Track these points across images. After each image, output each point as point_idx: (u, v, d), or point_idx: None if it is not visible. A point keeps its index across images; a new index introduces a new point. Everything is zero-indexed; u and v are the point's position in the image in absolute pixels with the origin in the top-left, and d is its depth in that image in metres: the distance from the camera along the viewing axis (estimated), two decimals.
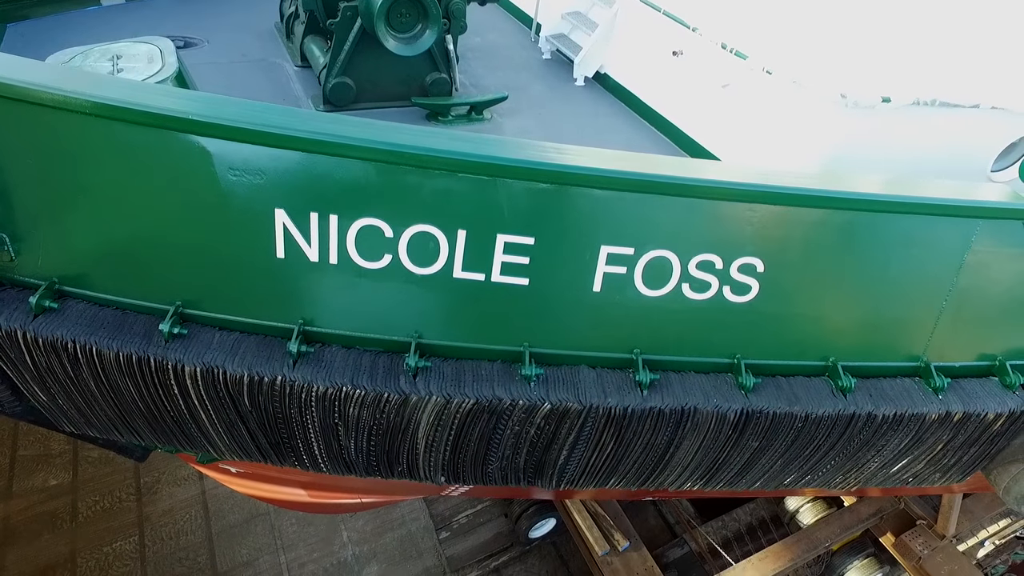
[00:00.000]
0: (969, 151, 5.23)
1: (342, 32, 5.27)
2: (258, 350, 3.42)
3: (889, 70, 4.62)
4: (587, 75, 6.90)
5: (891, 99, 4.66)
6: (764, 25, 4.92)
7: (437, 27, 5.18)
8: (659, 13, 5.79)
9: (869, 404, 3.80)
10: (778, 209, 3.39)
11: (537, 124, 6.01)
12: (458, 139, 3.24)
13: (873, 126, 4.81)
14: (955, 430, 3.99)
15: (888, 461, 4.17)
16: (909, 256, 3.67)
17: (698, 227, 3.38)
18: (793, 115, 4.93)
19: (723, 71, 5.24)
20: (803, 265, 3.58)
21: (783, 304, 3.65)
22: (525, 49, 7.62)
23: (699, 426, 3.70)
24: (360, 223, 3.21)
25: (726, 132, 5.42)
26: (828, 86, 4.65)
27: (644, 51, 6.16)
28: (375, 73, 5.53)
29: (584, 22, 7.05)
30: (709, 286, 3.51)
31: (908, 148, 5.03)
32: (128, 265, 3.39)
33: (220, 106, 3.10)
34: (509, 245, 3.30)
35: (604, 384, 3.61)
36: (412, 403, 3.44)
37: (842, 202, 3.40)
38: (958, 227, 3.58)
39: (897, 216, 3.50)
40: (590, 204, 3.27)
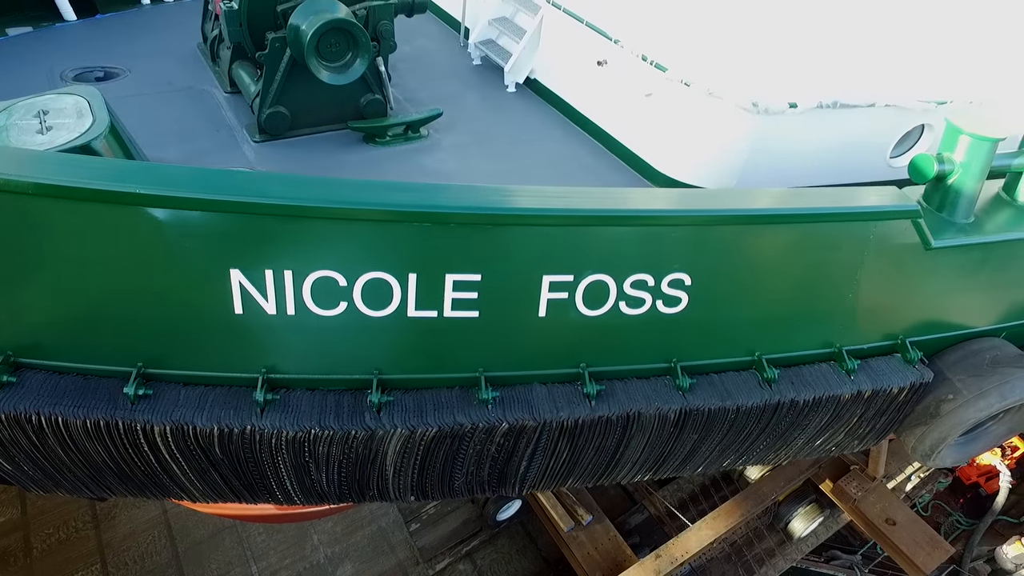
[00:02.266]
0: (870, 143, 5.72)
1: (272, 63, 5.27)
2: (225, 402, 3.55)
3: (794, 78, 5.01)
4: (518, 81, 7.08)
5: (797, 104, 5.07)
6: (679, 39, 5.21)
7: (368, 54, 5.25)
8: (582, 24, 6.01)
9: (792, 391, 4.24)
10: (699, 229, 3.72)
11: (473, 138, 6.16)
12: (403, 189, 3.42)
13: (783, 129, 5.21)
14: (867, 405, 4.50)
15: (812, 436, 4.66)
16: (817, 257, 4.08)
17: (629, 251, 3.68)
18: (711, 122, 5.28)
19: (646, 81, 5.53)
20: (726, 275, 3.94)
21: (711, 310, 4.01)
22: (455, 56, 7.70)
23: (644, 427, 4.06)
24: (314, 276, 3.37)
25: (653, 138, 5.74)
26: (740, 95, 5.01)
27: (571, 59, 6.37)
28: (309, 100, 5.55)
29: (511, 28, 7.18)
30: (644, 302, 3.83)
31: (816, 146, 5.47)
32: (86, 332, 3.44)
33: (164, 175, 3.17)
34: (458, 283, 3.52)
35: (556, 399, 3.92)
36: (379, 436, 3.66)
37: (755, 218, 3.76)
38: (856, 229, 4.01)
39: (803, 225, 3.89)
40: (529, 240, 3.52)
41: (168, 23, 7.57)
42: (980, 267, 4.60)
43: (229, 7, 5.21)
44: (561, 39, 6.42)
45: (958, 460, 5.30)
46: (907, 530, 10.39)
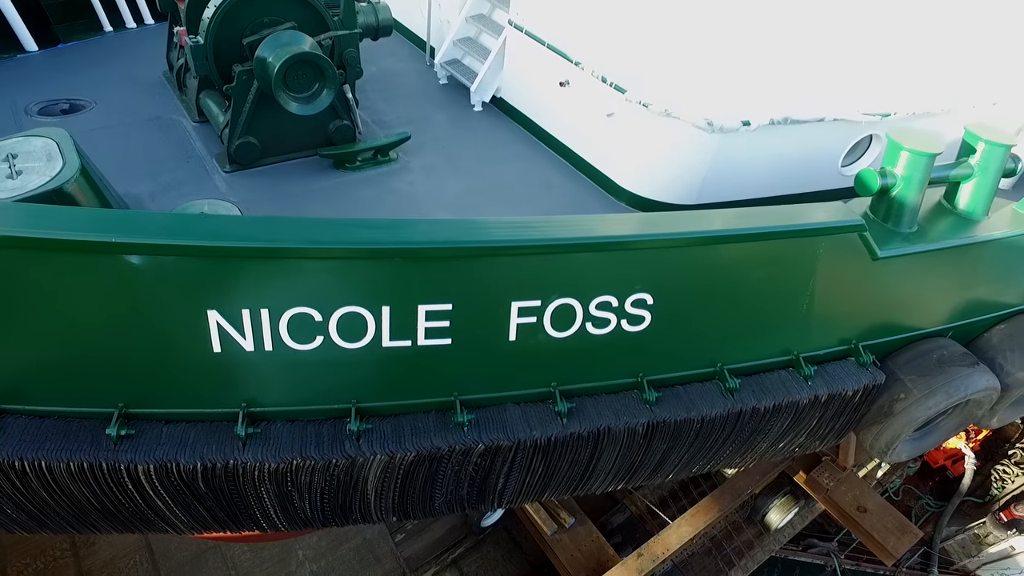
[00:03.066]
0: (822, 154, 5.99)
1: (240, 95, 5.34)
2: (207, 437, 3.65)
3: (746, 98, 5.24)
4: (484, 100, 7.23)
5: (750, 122, 5.31)
6: (636, 62, 5.41)
7: (334, 84, 5.35)
8: (544, 46, 6.18)
9: (753, 399, 4.46)
10: (658, 251, 3.91)
11: (443, 159, 6.30)
12: (374, 226, 3.55)
13: (738, 145, 5.45)
14: (824, 407, 4.74)
15: (775, 440, 4.89)
16: (771, 272, 4.30)
17: (593, 276, 3.85)
18: (669, 141, 5.49)
19: (607, 101, 5.72)
20: (685, 292, 4.14)
21: (673, 327, 4.21)
22: (421, 75, 7.82)
23: (614, 441, 4.25)
24: (290, 313, 3.48)
25: (616, 156, 5.94)
26: (696, 115, 5.23)
27: (535, 79, 6.54)
28: (278, 129, 5.64)
29: (476, 48, 7.34)
30: (609, 322, 4.01)
31: (771, 159, 5.73)
32: (67, 377, 3.51)
33: (139, 223, 3.26)
34: (430, 313, 3.66)
35: (529, 418, 4.09)
36: (359, 463, 3.79)
37: (711, 239, 3.96)
38: (807, 244, 4.24)
39: (757, 243, 4.10)
40: (497, 270, 3.67)
41: (132, 50, 7.56)
42: (925, 273, 4.87)
43: (195, 42, 5.27)
44: (524, 59, 6.59)
45: (913, 454, 5.59)
46: (877, 517, 10.76)
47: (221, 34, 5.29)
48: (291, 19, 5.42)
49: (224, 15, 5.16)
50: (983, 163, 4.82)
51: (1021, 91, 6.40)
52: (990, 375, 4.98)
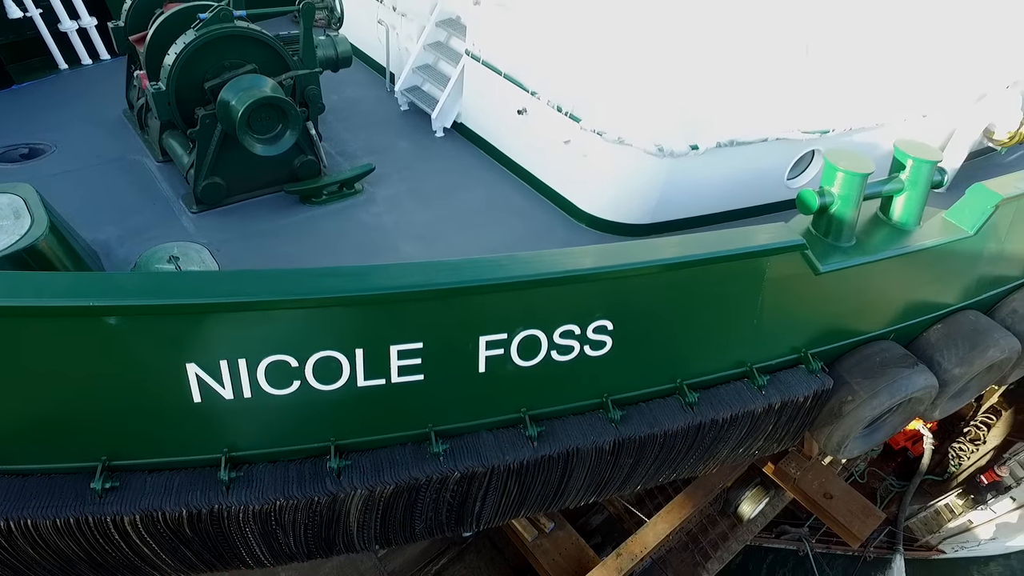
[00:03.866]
0: (768, 170, 6.32)
1: (204, 138, 5.43)
2: (191, 484, 3.77)
3: (693, 124, 5.54)
4: (445, 126, 7.41)
5: (699, 146, 5.60)
6: (589, 92, 5.66)
7: (297, 124, 5.48)
8: (500, 76, 6.40)
9: (711, 411, 4.74)
10: (615, 281, 4.15)
11: (407, 188, 6.46)
12: (344, 274, 3.70)
13: (689, 167, 5.74)
14: (779, 414, 5.05)
15: (735, 446, 5.19)
16: (722, 292, 4.58)
17: (555, 307, 4.07)
18: (624, 166, 5.76)
19: (563, 129, 5.96)
20: (643, 316, 4.39)
21: (633, 348, 4.46)
22: (382, 102, 7.96)
23: (583, 459, 4.48)
24: (267, 361, 3.63)
25: (575, 180, 6.18)
26: (647, 142, 5.51)
27: (494, 106, 6.75)
28: (243, 168, 5.73)
29: (435, 76, 7.51)
30: (572, 349, 4.24)
31: (721, 177, 6.03)
32: (49, 435, 3.60)
33: (116, 285, 3.38)
34: (402, 352, 3.84)
35: (502, 444, 4.30)
36: (341, 499, 3.95)
37: (663, 266, 4.21)
38: (753, 265, 4.52)
39: (707, 267, 4.37)
40: (465, 308, 3.87)
41: (90, 89, 7.54)
42: (865, 282, 5.21)
43: (157, 88, 5.35)
44: (483, 88, 6.79)
45: (864, 450, 5.95)
46: (843, 502, 11.24)
47: (183, 79, 5.37)
48: (252, 61, 5.53)
49: (185, 61, 5.25)
50: (912, 178, 5.17)
51: (948, 103, 6.83)
52: (928, 374, 5.34)
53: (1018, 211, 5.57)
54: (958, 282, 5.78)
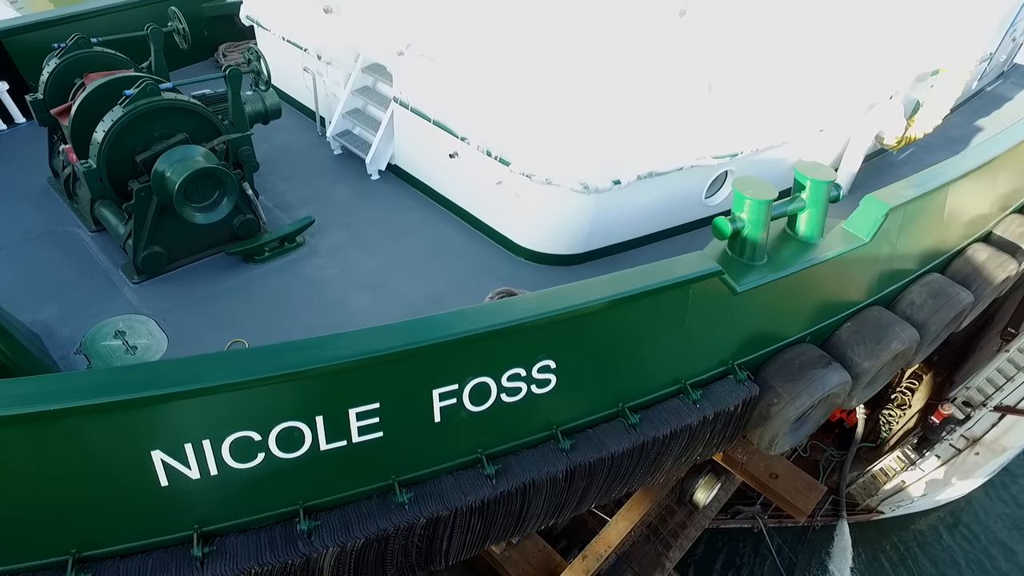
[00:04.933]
0: (687, 194, 6.80)
1: (140, 210, 5.47)
2: (164, 564, 3.89)
3: (613, 161, 5.94)
4: (380, 168, 7.60)
5: (621, 180, 6.01)
6: (516, 137, 5.98)
7: (234, 190, 5.58)
8: (429, 122, 6.65)
9: (652, 430, 5.15)
10: (553, 324, 4.48)
11: (349, 236, 6.63)
12: (299, 348, 3.90)
13: (614, 200, 6.14)
14: (714, 423, 5.51)
15: (678, 456, 5.62)
16: (652, 320, 4.99)
17: (501, 355, 4.38)
18: (554, 204, 6.12)
19: (494, 171, 6.27)
20: (582, 352, 4.74)
21: (576, 381, 4.82)
22: (315, 148, 8.07)
23: (539, 490, 4.81)
24: (231, 438, 3.79)
25: (510, 217, 6.50)
26: (572, 181, 5.88)
27: (426, 150, 6.98)
28: (183, 234, 5.78)
29: (365, 120, 7.68)
30: (520, 390, 4.56)
31: (645, 205, 6.48)
32: (16, 535, 3.65)
33: (76, 386, 3.47)
34: (360, 414, 4.07)
35: (462, 485, 4.57)
36: (313, 559, 4.15)
37: (595, 306, 4.58)
38: (677, 294, 4.94)
39: (634, 301, 4.75)
40: (416, 366, 4.13)
41: (8, 157, 7.37)
42: (780, 294, 5.72)
43: (87, 167, 5.35)
44: (413, 132, 7.03)
45: (793, 444, 6.52)
46: (788, 480, 11.99)
47: (113, 155, 5.39)
48: (182, 130, 5.60)
49: (115, 138, 5.28)
50: (812, 197, 5.72)
51: (841, 117, 7.49)
52: (842, 371, 5.92)
53: (905, 215, 6.21)
54: (861, 283, 6.39)
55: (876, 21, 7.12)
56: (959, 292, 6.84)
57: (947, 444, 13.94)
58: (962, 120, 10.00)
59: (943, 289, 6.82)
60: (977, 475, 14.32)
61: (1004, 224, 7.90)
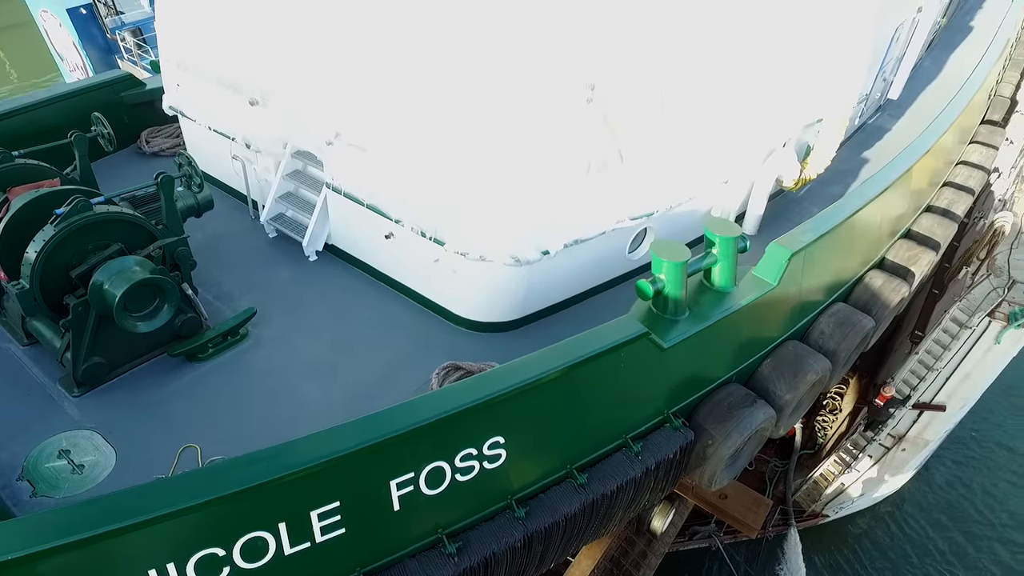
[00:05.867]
0: (612, 252, 7.30)
1: (78, 324, 5.46)
2: None
3: (540, 235, 6.36)
4: (318, 249, 7.78)
5: (549, 251, 6.43)
6: (447, 220, 6.33)
7: (174, 296, 5.66)
8: (362, 206, 6.92)
9: (600, 487, 5.48)
10: (495, 405, 4.77)
11: (292, 323, 6.76)
12: (252, 462, 4.03)
13: (545, 268, 6.55)
14: (656, 472, 5.89)
15: (627, 506, 5.96)
16: (588, 386, 5.36)
17: (451, 439, 4.63)
18: (489, 277, 6.47)
19: (430, 250, 6.58)
20: (527, 425, 5.05)
21: (524, 452, 5.11)
22: (250, 232, 8.17)
23: (499, 560, 5.03)
24: (195, 557, 3.87)
25: (450, 291, 6.81)
26: (504, 256, 6.26)
27: (361, 231, 7.23)
28: (123, 342, 5.78)
29: (298, 202, 7.86)
30: (473, 468, 4.81)
31: (574, 268, 6.92)
32: None
33: (16, 533, 3.49)
34: (322, 514, 4.22)
35: (425, 567, 4.76)
36: None
37: (534, 382, 4.90)
38: (610, 357, 5.33)
39: (570, 371, 5.10)
40: (371, 462, 4.32)
41: None
42: (704, 343, 6.22)
43: (20, 287, 5.33)
44: (347, 215, 7.27)
45: (731, 477, 7.00)
46: (736, 499, 12.53)
47: (47, 273, 5.39)
48: (116, 240, 5.66)
49: (48, 257, 5.30)
50: (722, 251, 6.28)
51: (743, 168, 8.22)
52: (767, 407, 6.45)
53: (806, 257, 6.87)
54: (776, 321, 7.00)
55: (764, 81, 7.91)
56: (861, 319, 7.57)
57: (877, 444, 14.89)
58: (850, 154, 11.06)
59: (847, 318, 7.53)
60: (907, 469, 15.34)
61: (894, 249, 8.78)
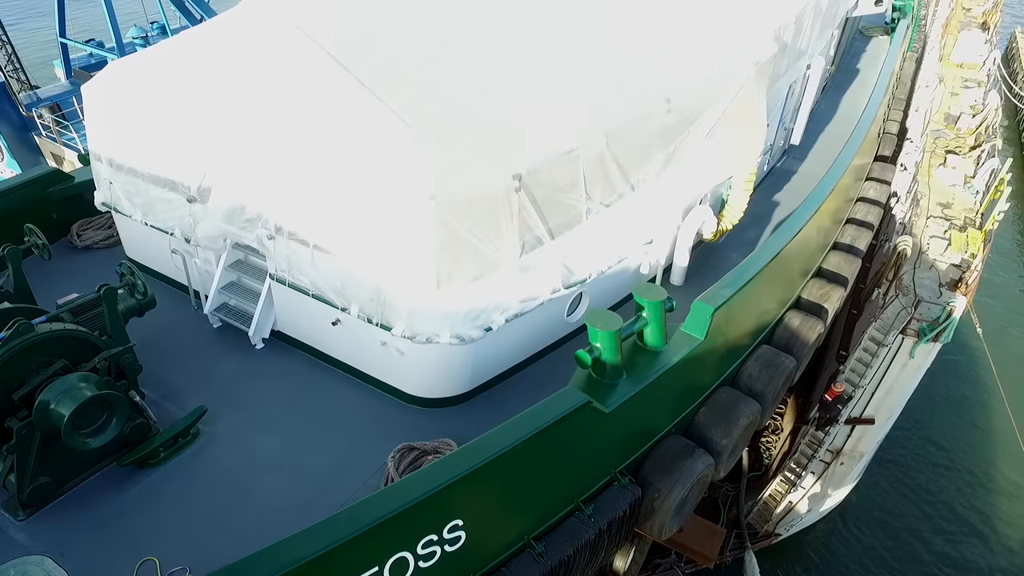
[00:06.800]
0: (551, 318, 7.71)
1: (22, 447, 5.39)
2: None
3: (480, 313, 6.71)
4: (264, 337, 7.87)
5: (492, 327, 6.78)
6: (393, 306, 6.60)
7: (124, 407, 5.68)
8: (308, 296, 7.10)
9: (557, 552, 5.76)
10: (447, 491, 5.01)
11: (245, 417, 6.80)
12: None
13: (491, 342, 6.88)
14: (609, 531, 6.21)
15: (584, 566, 6.25)
16: (539, 458, 5.67)
17: (411, 529, 4.84)
18: (437, 357, 6.76)
19: (378, 333, 6.81)
20: (482, 505, 5.31)
21: (484, 530, 5.35)
22: (193, 324, 8.17)
23: None
24: None
25: (400, 372, 7.03)
26: (449, 336, 6.56)
27: (308, 318, 7.39)
28: (70, 458, 5.72)
29: (241, 292, 7.95)
30: (435, 553, 5.02)
31: (519, 337, 7.28)
32: None
33: None
34: None
35: None
36: None
37: (486, 466, 5.17)
38: (556, 429, 5.66)
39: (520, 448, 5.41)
40: (335, 562, 4.48)
41: None
42: (643, 402, 6.65)
43: None
44: (294, 303, 7.43)
45: (680, 523, 7.39)
46: (692, 532, 12.91)
47: None
48: (60, 358, 5.66)
49: None
50: (651, 315, 6.78)
51: (665, 226, 8.84)
52: (706, 456, 6.91)
53: (727, 310, 7.46)
54: (707, 372, 7.53)
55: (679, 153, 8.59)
56: (784, 360, 8.21)
57: (818, 460, 15.72)
58: (762, 198, 12.00)
59: (771, 360, 8.15)
60: (847, 481, 16.23)
61: (808, 288, 9.56)
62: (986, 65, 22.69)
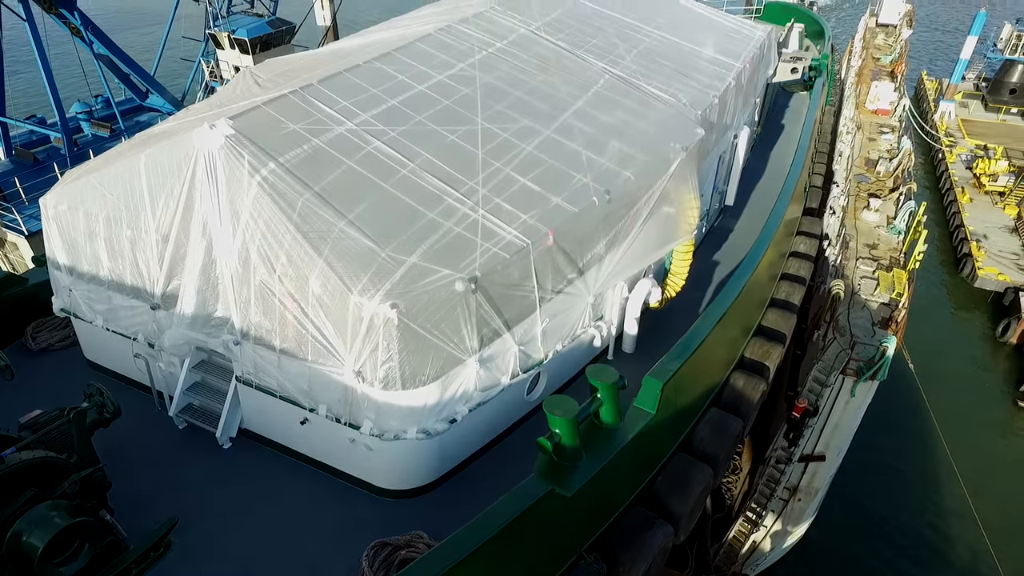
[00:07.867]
0: (514, 399, 8.09)
1: None
2: None
3: (444, 407, 7.05)
4: (231, 436, 7.97)
5: (456, 418, 7.11)
6: (359, 406, 6.88)
7: (97, 536, 5.67)
8: (276, 398, 7.30)
9: None
10: None
11: (219, 525, 6.83)
12: None
13: (457, 432, 7.20)
14: None
15: None
16: (510, 547, 5.96)
17: None
18: (405, 450, 7.03)
19: (346, 432, 7.05)
20: None
21: None
22: (158, 425, 8.18)
23: None
24: None
25: (371, 466, 7.26)
26: (416, 431, 6.86)
27: (276, 418, 7.56)
28: None
29: (206, 392, 8.06)
30: None
31: (484, 422, 7.61)
32: None
33: None
34: None
35: None
36: None
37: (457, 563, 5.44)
38: (526, 517, 5.96)
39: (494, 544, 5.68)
40: None
41: None
42: (604, 479, 7.03)
43: None
44: (261, 404, 7.60)
45: None
46: None
47: None
48: (29, 487, 5.69)
49: None
50: (605, 395, 7.21)
51: (613, 302, 9.40)
52: (665, 526, 7.31)
53: (675, 382, 7.97)
54: (662, 440, 7.99)
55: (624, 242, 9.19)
56: (732, 422, 8.76)
57: (776, 498, 16.32)
58: (703, 258, 12.77)
59: (720, 423, 8.69)
60: (805, 517, 16.84)
61: (750, 347, 10.22)
62: (897, 112, 24.68)
